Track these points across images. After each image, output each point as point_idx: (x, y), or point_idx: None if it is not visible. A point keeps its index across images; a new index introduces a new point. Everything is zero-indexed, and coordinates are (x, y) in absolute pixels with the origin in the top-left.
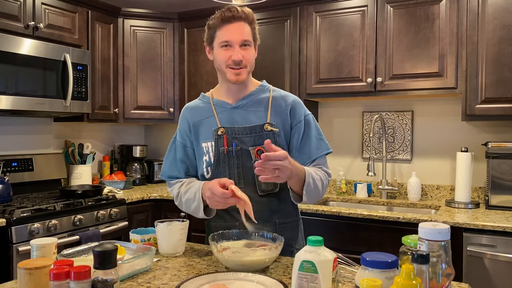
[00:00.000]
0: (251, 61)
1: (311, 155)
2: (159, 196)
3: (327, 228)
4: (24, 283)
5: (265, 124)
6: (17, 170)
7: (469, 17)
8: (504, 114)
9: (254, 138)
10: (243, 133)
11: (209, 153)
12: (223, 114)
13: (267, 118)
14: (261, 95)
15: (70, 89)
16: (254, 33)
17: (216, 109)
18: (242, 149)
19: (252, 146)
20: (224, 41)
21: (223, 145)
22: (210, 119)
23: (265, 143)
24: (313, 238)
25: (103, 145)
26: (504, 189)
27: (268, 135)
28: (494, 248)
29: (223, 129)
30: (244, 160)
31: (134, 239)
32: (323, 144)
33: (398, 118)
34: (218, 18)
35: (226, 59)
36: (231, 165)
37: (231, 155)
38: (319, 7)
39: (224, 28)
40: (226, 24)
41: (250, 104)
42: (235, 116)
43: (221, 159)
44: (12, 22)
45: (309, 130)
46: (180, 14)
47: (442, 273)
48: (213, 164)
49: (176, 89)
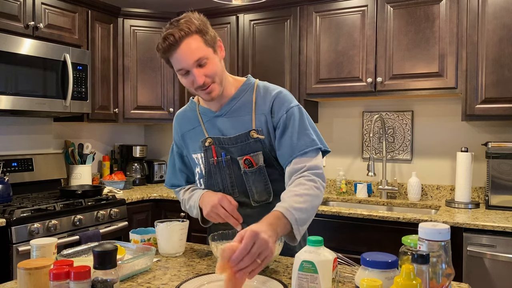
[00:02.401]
0: (217, 73)
1: (293, 152)
2: (159, 196)
3: (327, 228)
4: (24, 283)
5: (251, 131)
6: (17, 170)
7: (469, 17)
8: (504, 114)
9: (242, 147)
10: (229, 143)
11: (199, 165)
12: (209, 123)
13: (252, 124)
14: (245, 96)
15: (70, 89)
16: (207, 39)
17: (202, 118)
18: (232, 158)
19: (239, 156)
20: (179, 69)
21: (212, 156)
22: (197, 129)
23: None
24: (313, 238)
25: (103, 145)
26: (504, 189)
27: (256, 143)
28: (494, 248)
29: (210, 140)
30: (236, 169)
31: (134, 239)
32: (306, 140)
33: (398, 118)
34: (161, 50)
35: (190, 85)
36: (223, 175)
37: (222, 166)
38: (319, 7)
39: (173, 57)
40: (172, 52)
41: (234, 109)
42: (219, 124)
43: (212, 171)
44: (12, 22)
45: (289, 125)
46: (180, 14)
47: (442, 273)
48: (204, 176)
49: (176, 89)
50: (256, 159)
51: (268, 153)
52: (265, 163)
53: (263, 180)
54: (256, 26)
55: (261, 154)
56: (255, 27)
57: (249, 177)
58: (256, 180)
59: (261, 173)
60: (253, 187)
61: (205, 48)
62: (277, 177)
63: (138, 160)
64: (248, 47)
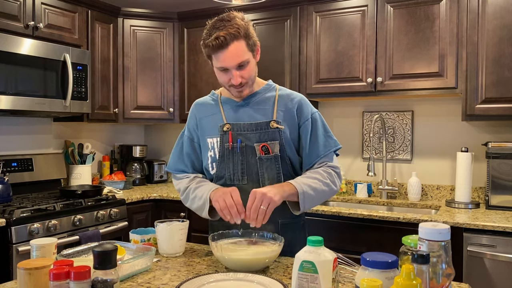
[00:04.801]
0: (251, 76)
1: (319, 153)
2: (159, 196)
3: (327, 228)
4: (24, 283)
5: (271, 122)
6: (17, 170)
7: (469, 17)
8: (504, 114)
9: (260, 135)
10: (249, 130)
11: (214, 148)
12: (230, 111)
13: (273, 116)
14: (267, 94)
15: (70, 89)
16: (250, 43)
17: (223, 106)
18: (247, 146)
19: (257, 142)
20: (220, 67)
21: (228, 141)
22: (216, 115)
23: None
24: (313, 238)
25: (103, 145)
26: (504, 189)
27: (274, 132)
28: (494, 248)
29: (228, 125)
30: (249, 156)
31: (134, 239)
32: (331, 141)
33: (398, 118)
34: (209, 47)
35: (226, 81)
36: (235, 161)
37: (236, 151)
38: (319, 7)
39: (217, 55)
40: (218, 51)
41: (256, 102)
42: (241, 113)
43: (225, 155)
44: (12, 22)
45: (316, 128)
46: (180, 14)
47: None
48: (217, 160)
49: (176, 89)
50: (273, 146)
51: (283, 145)
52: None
53: (276, 168)
54: (256, 26)
55: (277, 143)
56: (255, 27)
57: (263, 163)
58: (269, 167)
59: (276, 161)
60: (266, 174)
61: (247, 52)
62: (286, 170)
63: (138, 160)
64: None
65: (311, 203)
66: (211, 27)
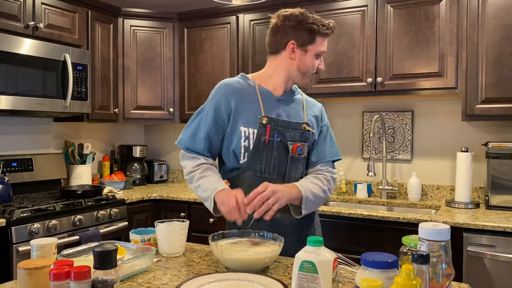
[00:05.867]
0: None
1: (325, 156)
2: (159, 196)
3: (327, 228)
4: (24, 283)
5: (303, 124)
6: (17, 170)
7: (469, 17)
8: (504, 114)
9: (294, 134)
10: (285, 127)
11: (249, 139)
12: (267, 103)
13: (304, 118)
14: (296, 95)
15: (70, 89)
16: None
17: (262, 97)
18: (282, 142)
19: (290, 141)
20: (321, 51)
21: (265, 135)
22: (254, 105)
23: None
24: (313, 238)
25: (103, 145)
26: (504, 189)
27: (305, 134)
28: (494, 248)
29: (267, 119)
30: (281, 152)
31: (134, 239)
32: (336, 151)
33: (398, 118)
34: (318, 31)
35: (313, 67)
36: (268, 155)
37: (271, 146)
38: (319, 7)
39: (323, 40)
40: (325, 38)
41: (291, 100)
42: (278, 108)
43: (260, 148)
44: (12, 22)
45: (328, 135)
46: (180, 14)
47: (442, 273)
48: (251, 151)
49: (176, 89)
50: (304, 149)
51: (309, 148)
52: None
53: (301, 168)
54: (256, 26)
55: (306, 146)
56: (255, 27)
57: (294, 162)
58: (297, 167)
59: (303, 162)
60: (292, 173)
61: None
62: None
63: (138, 160)
64: (248, 47)
65: (311, 208)
66: (311, 17)
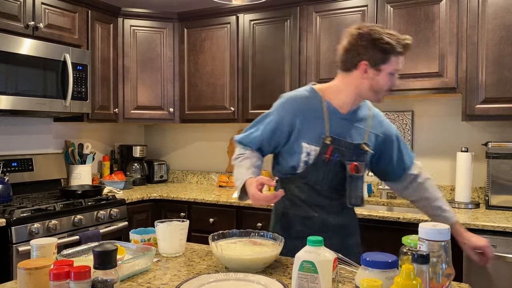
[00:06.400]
0: None
1: (407, 164)
2: (159, 196)
3: None
4: (24, 283)
5: (363, 144)
6: (17, 170)
7: (469, 17)
8: (504, 114)
9: (353, 154)
10: (346, 147)
11: (310, 155)
12: (333, 121)
13: (365, 138)
14: (363, 111)
15: (70, 89)
16: None
17: (328, 114)
18: (340, 160)
19: (348, 160)
20: (396, 69)
21: (326, 153)
22: (318, 122)
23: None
24: (313, 238)
25: (103, 145)
26: (504, 189)
27: (363, 154)
28: (494, 248)
29: (330, 139)
30: (338, 169)
31: (134, 239)
32: (411, 154)
33: (398, 118)
34: (394, 50)
35: (389, 85)
36: (325, 171)
37: (330, 163)
38: (319, 7)
39: (398, 58)
40: (401, 56)
41: (356, 119)
42: (342, 127)
43: (319, 164)
44: (12, 22)
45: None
46: (180, 14)
47: (442, 273)
48: (310, 166)
49: (176, 89)
50: (362, 167)
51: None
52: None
53: (360, 187)
54: (256, 26)
55: (364, 164)
56: (255, 27)
57: (352, 181)
58: (356, 185)
59: (362, 181)
60: (353, 192)
61: None
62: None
63: (138, 160)
64: (248, 47)
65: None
66: (386, 33)
